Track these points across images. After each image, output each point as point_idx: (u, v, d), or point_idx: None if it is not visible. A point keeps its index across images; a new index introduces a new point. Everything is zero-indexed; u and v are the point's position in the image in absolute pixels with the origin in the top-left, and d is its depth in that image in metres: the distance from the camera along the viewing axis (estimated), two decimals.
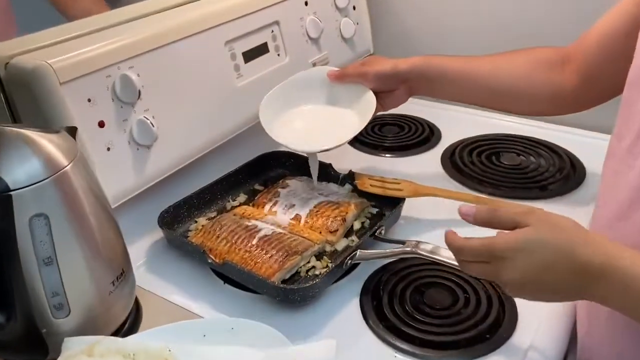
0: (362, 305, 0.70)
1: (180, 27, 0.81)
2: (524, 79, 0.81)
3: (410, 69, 0.83)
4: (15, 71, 0.68)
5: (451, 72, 0.83)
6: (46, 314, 0.56)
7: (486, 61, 0.83)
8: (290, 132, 0.85)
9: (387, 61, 0.84)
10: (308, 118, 0.89)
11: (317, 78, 0.89)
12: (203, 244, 0.77)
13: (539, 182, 0.92)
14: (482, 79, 0.83)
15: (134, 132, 0.76)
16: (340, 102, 0.89)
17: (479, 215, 0.57)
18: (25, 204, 0.52)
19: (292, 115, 0.88)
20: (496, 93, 0.83)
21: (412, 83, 0.85)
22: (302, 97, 0.89)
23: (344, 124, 0.85)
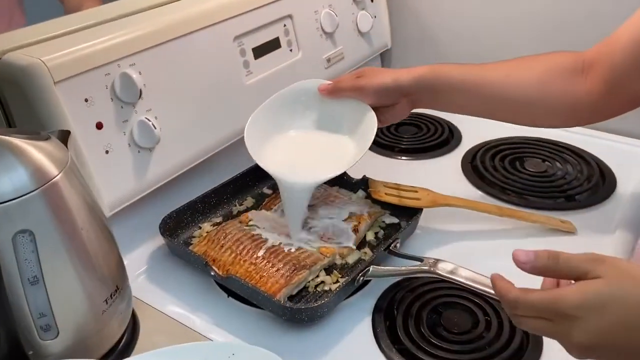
0: (374, 326, 0.65)
1: (186, 22, 0.76)
2: (538, 89, 0.72)
3: (414, 82, 0.74)
4: (7, 69, 0.64)
5: (458, 83, 0.74)
6: (32, 335, 0.52)
7: (497, 70, 0.75)
8: (280, 160, 0.75)
9: (386, 73, 0.76)
10: (299, 141, 0.78)
11: (308, 92, 0.78)
12: (206, 253, 0.72)
13: (565, 191, 0.87)
14: (493, 90, 0.74)
15: (135, 133, 0.71)
16: (336, 121, 0.78)
17: (539, 263, 0.49)
18: (9, 219, 0.48)
19: (281, 139, 0.78)
20: (508, 105, 0.74)
21: (415, 96, 0.76)
22: (292, 116, 0.79)
23: (339, 151, 0.75)
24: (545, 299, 0.47)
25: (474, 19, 1.10)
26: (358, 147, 0.74)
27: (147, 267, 0.75)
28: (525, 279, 0.62)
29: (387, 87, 0.74)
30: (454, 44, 1.14)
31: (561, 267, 0.48)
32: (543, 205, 0.83)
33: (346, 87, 0.76)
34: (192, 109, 0.77)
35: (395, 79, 0.74)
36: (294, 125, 0.79)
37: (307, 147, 0.78)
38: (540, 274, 0.50)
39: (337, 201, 0.81)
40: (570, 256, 0.49)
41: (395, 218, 0.80)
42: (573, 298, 0.46)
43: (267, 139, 0.77)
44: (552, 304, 0.46)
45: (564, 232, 0.78)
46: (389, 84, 0.74)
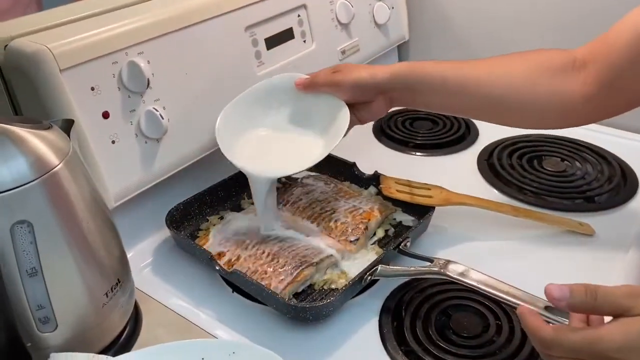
0: (380, 327, 0.63)
1: (197, 10, 0.74)
2: (526, 88, 0.68)
3: (391, 78, 0.71)
4: (14, 55, 0.63)
5: (437, 81, 0.70)
6: (30, 327, 0.51)
7: (480, 67, 0.70)
8: (248, 154, 0.74)
9: (363, 69, 0.73)
10: (270, 137, 0.77)
11: (284, 86, 0.77)
12: (212, 246, 0.71)
13: (584, 192, 0.84)
14: (475, 89, 0.69)
15: (142, 124, 0.70)
16: (309, 117, 0.76)
17: (576, 299, 0.45)
18: (7, 209, 0.47)
19: (252, 133, 0.77)
20: (493, 104, 0.70)
21: (393, 94, 0.72)
22: (266, 111, 0.77)
23: (307, 147, 0.74)
24: (584, 340, 0.43)
25: (495, 10, 1.07)
26: (325, 145, 0.72)
27: (152, 260, 0.74)
28: (535, 281, 0.60)
29: (363, 83, 0.72)
30: (474, 36, 1.11)
31: (600, 304, 0.45)
32: (561, 206, 0.80)
33: (322, 82, 0.74)
34: (201, 100, 0.76)
35: (371, 74, 0.71)
36: (267, 120, 0.78)
37: (277, 142, 0.76)
38: (577, 312, 0.47)
39: (347, 197, 0.79)
40: (609, 291, 0.45)
41: (406, 216, 0.78)
42: (615, 339, 0.42)
43: (240, 132, 0.76)
44: (592, 345, 0.43)
45: (582, 235, 0.75)
46: (365, 79, 0.72)
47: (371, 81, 0.71)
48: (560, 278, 0.68)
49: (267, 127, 0.78)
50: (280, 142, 0.76)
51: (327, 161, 0.86)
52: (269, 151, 0.75)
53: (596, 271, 0.70)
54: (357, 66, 0.75)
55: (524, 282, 0.59)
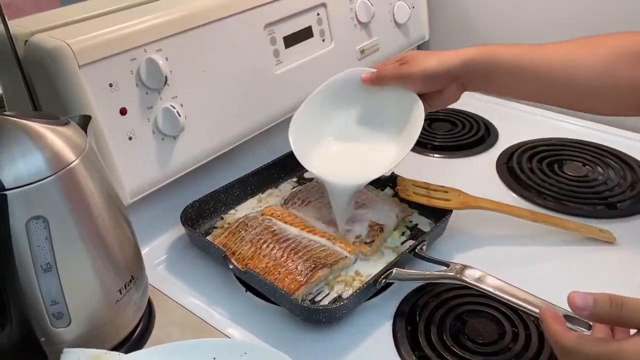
0: (394, 331, 0.63)
1: (215, 8, 0.74)
2: (603, 74, 0.65)
3: (463, 65, 0.69)
4: (34, 51, 0.63)
5: (513, 67, 0.68)
6: (44, 322, 0.51)
7: (556, 52, 0.68)
8: (326, 162, 0.73)
9: (431, 57, 0.70)
10: (345, 140, 0.76)
11: (351, 83, 0.75)
12: (226, 245, 0.71)
13: (606, 198, 0.82)
14: (551, 75, 0.67)
15: (159, 121, 0.70)
16: (381, 113, 0.75)
17: (600, 310, 0.43)
18: (23, 204, 0.47)
19: (325, 139, 0.76)
20: (569, 91, 0.68)
21: (465, 80, 0.71)
22: (336, 112, 0.76)
23: (386, 146, 0.72)
24: (606, 352, 0.42)
25: (515, 10, 1.05)
26: (401, 145, 0.71)
27: (167, 257, 0.75)
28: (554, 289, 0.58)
29: (433, 73, 0.70)
30: (494, 36, 1.09)
31: (625, 315, 0.43)
32: (581, 212, 0.79)
33: (389, 75, 0.72)
34: (218, 98, 0.76)
35: (441, 63, 0.69)
36: (339, 120, 0.76)
37: (353, 146, 0.75)
38: (600, 322, 0.46)
39: (363, 197, 0.78)
40: (636, 303, 0.43)
41: (423, 219, 0.77)
42: (638, 353, 0.41)
43: (312, 139, 0.75)
44: (613, 357, 0.42)
45: (603, 242, 0.73)
46: (435, 69, 0.69)
47: (441, 70, 0.69)
48: (580, 286, 0.66)
49: (340, 129, 0.76)
50: (356, 145, 0.75)
51: None
52: (347, 156, 0.74)
53: (617, 280, 0.68)
54: (425, 54, 0.72)
55: (542, 290, 0.58)
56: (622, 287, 0.66)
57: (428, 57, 0.71)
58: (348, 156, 0.74)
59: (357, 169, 0.72)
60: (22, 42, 0.64)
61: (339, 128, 0.76)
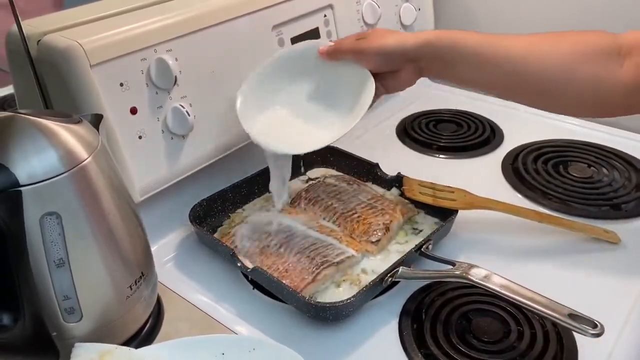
0: (400, 329, 0.63)
1: (224, 9, 0.75)
2: (564, 70, 0.64)
3: (420, 47, 0.67)
4: (46, 50, 0.64)
5: (471, 54, 0.67)
6: (56, 317, 0.52)
7: (518, 43, 0.66)
8: (267, 128, 0.72)
9: (391, 35, 0.69)
10: (292, 110, 0.75)
11: (308, 54, 0.74)
12: (234, 243, 0.72)
13: (611, 199, 0.82)
14: (510, 66, 0.65)
15: (169, 120, 0.71)
16: (334, 85, 0.74)
17: None
18: (37, 201, 0.48)
19: (275, 105, 0.75)
20: (527, 85, 0.66)
21: (422, 63, 0.69)
22: (290, 78, 0.75)
23: (332, 120, 0.71)
24: None
25: (521, 13, 1.06)
26: (346, 122, 0.70)
27: (175, 255, 0.75)
28: (559, 288, 0.59)
29: (390, 51, 0.69)
30: None
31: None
32: (586, 213, 0.79)
33: (345, 49, 0.71)
34: (227, 98, 0.77)
35: (399, 42, 0.68)
36: (291, 89, 0.75)
37: (297, 117, 0.75)
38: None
39: (369, 198, 0.79)
40: None
41: (429, 219, 0.77)
42: None
43: (260, 103, 0.74)
44: None
45: (607, 243, 0.74)
46: (392, 47, 0.68)
47: (398, 49, 0.68)
48: (585, 286, 0.68)
49: (290, 99, 0.75)
50: (302, 116, 0.75)
51: (349, 161, 0.87)
52: (289, 126, 0.74)
53: (621, 279, 0.69)
54: (385, 32, 0.71)
55: (547, 289, 0.58)
56: (627, 287, 0.67)
57: (387, 35, 0.70)
58: (290, 126, 0.74)
59: (294, 139, 0.72)
60: (34, 42, 0.65)
61: (290, 98, 0.76)
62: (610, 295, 0.67)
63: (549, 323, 0.62)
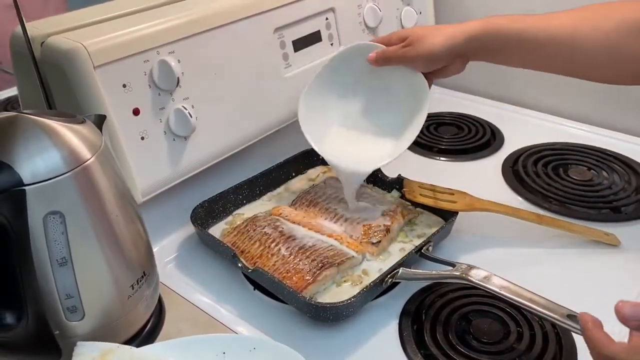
0: (400, 329, 0.63)
1: (227, 11, 0.75)
2: (611, 48, 0.64)
3: (467, 42, 0.69)
4: (50, 52, 0.64)
5: (517, 42, 0.69)
6: (59, 316, 0.52)
7: (563, 26, 0.67)
8: (336, 148, 0.76)
9: (435, 37, 0.70)
10: (351, 123, 0.78)
11: (357, 60, 0.76)
12: (235, 244, 0.72)
13: (611, 202, 0.83)
14: (557, 50, 0.67)
15: (171, 121, 0.71)
16: (388, 88, 0.77)
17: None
18: (40, 200, 0.48)
19: (334, 122, 0.79)
20: (575, 63, 0.68)
21: (469, 55, 0.72)
22: (344, 88, 0.78)
23: (392, 130, 0.75)
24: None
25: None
26: (408, 131, 0.74)
27: (177, 255, 0.76)
28: (559, 289, 0.59)
29: (438, 54, 0.71)
30: None
31: None
32: (586, 215, 0.79)
33: (394, 57, 0.73)
34: (229, 99, 0.77)
35: (446, 43, 0.70)
36: (345, 100, 0.78)
37: (359, 130, 0.78)
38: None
39: (370, 199, 0.79)
40: None
41: (429, 220, 0.78)
42: None
43: (321, 121, 0.77)
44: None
45: (607, 245, 0.74)
46: (440, 50, 0.70)
47: (446, 50, 0.70)
48: (585, 288, 0.68)
49: (346, 110, 0.78)
50: (363, 128, 0.78)
51: None
52: (356, 141, 0.77)
53: (621, 282, 0.69)
54: (428, 34, 0.72)
55: (547, 290, 0.59)
56: (626, 289, 0.68)
57: (431, 36, 0.71)
58: (356, 141, 0.77)
59: (366, 154, 0.75)
60: (38, 43, 0.66)
61: (346, 108, 0.79)
62: (609, 297, 0.66)
63: (548, 324, 0.62)
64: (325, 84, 0.78)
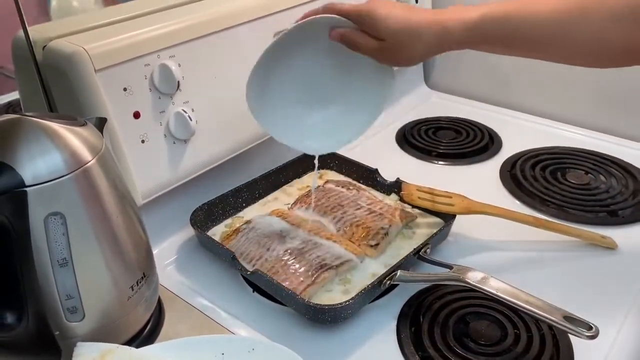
0: (398, 331, 0.64)
1: (227, 16, 0.76)
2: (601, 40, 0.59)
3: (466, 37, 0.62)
4: (51, 56, 0.65)
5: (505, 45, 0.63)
6: (59, 316, 0.53)
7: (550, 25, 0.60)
8: (285, 121, 0.69)
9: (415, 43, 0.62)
10: (308, 98, 0.69)
11: (319, 30, 0.65)
12: (234, 247, 0.73)
13: (608, 205, 0.83)
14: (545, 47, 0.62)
15: (171, 125, 0.72)
16: (349, 68, 0.68)
17: None
18: (42, 201, 0.49)
19: (288, 90, 0.68)
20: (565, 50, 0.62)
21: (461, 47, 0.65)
22: (301, 55, 0.67)
23: (350, 114, 0.69)
24: None
25: None
26: (370, 112, 0.70)
27: (176, 257, 0.76)
28: (556, 292, 0.60)
29: (419, 62, 0.66)
30: None
31: None
32: (584, 219, 0.80)
33: (364, 51, 0.64)
34: (228, 103, 0.78)
35: (432, 50, 0.64)
36: (301, 68, 0.68)
37: (316, 106, 0.71)
38: None
39: (368, 202, 0.79)
40: None
41: (426, 223, 0.78)
42: None
43: (271, 87, 0.68)
44: None
45: (604, 248, 0.74)
46: (422, 59, 0.66)
47: (431, 56, 0.66)
48: (582, 290, 0.69)
49: (303, 80, 0.69)
50: (320, 105, 0.70)
51: (349, 166, 0.88)
52: (309, 116, 0.71)
53: (618, 284, 0.69)
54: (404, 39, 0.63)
55: (544, 293, 0.59)
56: (623, 291, 0.68)
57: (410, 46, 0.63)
58: (312, 117, 0.71)
59: (319, 136, 0.71)
60: (40, 47, 0.66)
61: (304, 75, 0.69)
62: (606, 300, 0.67)
63: (545, 326, 0.63)
64: (274, 62, 0.67)
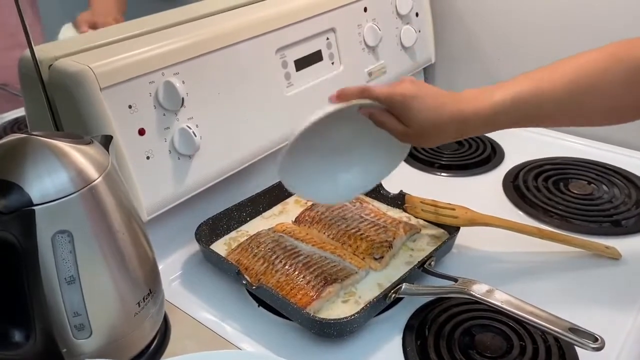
0: (404, 345, 0.64)
1: (229, 33, 0.77)
2: (613, 99, 0.61)
3: (482, 131, 0.65)
4: (57, 74, 0.66)
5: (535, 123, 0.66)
6: (67, 333, 0.53)
7: (563, 84, 0.62)
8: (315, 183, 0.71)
9: (440, 134, 0.64)
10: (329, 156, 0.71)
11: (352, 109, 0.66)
12: (239, 261, 0.73)
13: (611, 215, 0.83)
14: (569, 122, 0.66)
15: (176, 141, 0.72)
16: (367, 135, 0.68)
17: None
18: (49, 219, 0.50)
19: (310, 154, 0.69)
20: (580, 117, 0.65)
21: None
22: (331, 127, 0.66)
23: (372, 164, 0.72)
24: None
25: (522, 34, 1.08)
26: (384, 170, 0.73)
27: (182, 273, 0.76)
28: (560, 303, 0.60)
29: (449, 141, 0.66)
30: (500, 60, 1.12)
31: None
32: (587, 229, 0.80)
33: (389, 129, 0.65)
34: (232, 119, 0.79)
35: (462, 134, 0.66)
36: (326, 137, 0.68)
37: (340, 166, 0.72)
38: None
39: (372, 215, 0.80)
40: None
41: (430, 235, 0.78)
42: None
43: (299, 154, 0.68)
44: None
45: (608, 258, 0.74)
46: (452, 139, 0.66)
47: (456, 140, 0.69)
48: (586, 301, 0.69)
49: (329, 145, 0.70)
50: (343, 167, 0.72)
51: None
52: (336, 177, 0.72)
53: (622, 294, 0.69)
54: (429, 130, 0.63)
55: (549, 304, 0.59)
56: (628, 302, 0.68)
57: (432, 137, 0.65)
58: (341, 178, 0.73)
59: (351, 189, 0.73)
60: (46, 66, 0.67)
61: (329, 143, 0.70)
62: (611, 310, 0.67)
63: (551, 338, 0.62)
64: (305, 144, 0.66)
